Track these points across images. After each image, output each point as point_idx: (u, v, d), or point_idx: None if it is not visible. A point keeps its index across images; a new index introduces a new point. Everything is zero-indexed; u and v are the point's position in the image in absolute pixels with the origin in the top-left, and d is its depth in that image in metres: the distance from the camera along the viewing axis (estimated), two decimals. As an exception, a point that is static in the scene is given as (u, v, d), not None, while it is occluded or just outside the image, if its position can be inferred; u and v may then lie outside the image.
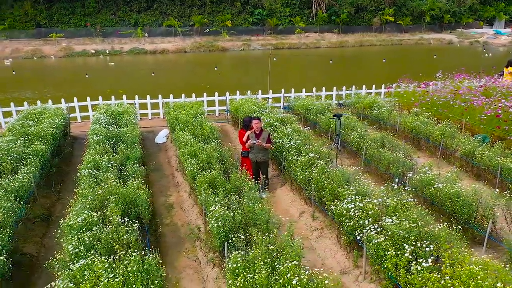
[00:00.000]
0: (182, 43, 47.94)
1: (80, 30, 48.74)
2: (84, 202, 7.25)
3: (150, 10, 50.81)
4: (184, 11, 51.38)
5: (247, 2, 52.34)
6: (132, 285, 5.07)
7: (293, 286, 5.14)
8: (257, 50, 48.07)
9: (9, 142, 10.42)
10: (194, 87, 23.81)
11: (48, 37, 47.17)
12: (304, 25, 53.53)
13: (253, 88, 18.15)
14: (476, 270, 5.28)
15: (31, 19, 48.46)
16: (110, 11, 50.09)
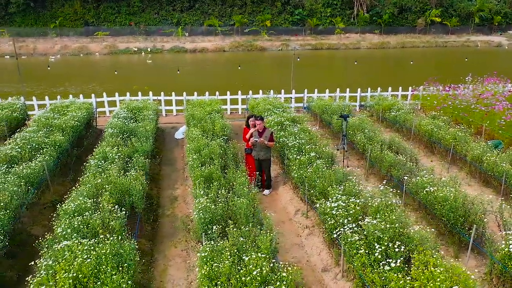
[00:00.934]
0: (222, 42, 48.72)
1: (125, 29, 50.59)
2: (82, 189, 7.75)
3: (192, 10, 51.96)
4: (225, 11, 52.17)
5: (288, 2, 52.44)
6: (103, 266, 5.44)
7: (252, 276, 5.35)
8: (296, 50, 48.04)
9: (32, 132, 11.19)
10: (225, 85, 24.23)
11: (94, 35, 49.27)
12: (344, 26, 53.01)
13: (282, 87, 18.36)
14: (437, 272, 5.29)
15: (80, 18, 50.80)
16: (154, 10, 51.65)
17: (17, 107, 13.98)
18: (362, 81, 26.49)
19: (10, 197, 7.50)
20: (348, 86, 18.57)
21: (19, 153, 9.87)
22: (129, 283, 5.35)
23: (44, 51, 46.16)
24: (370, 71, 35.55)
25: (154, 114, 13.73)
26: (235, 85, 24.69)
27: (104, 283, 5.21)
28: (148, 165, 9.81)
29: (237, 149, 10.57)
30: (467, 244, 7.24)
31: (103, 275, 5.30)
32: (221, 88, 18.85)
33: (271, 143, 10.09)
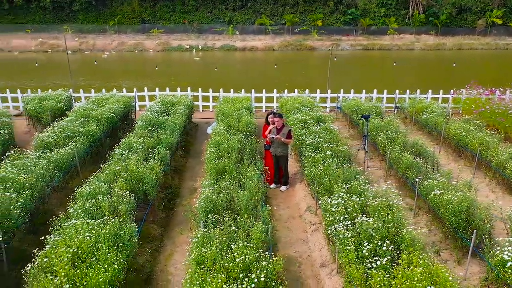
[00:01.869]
0: (272, 41, 49.05)
1: (179, 27, 52.18)
2: (100, 175, 8.33)
3: (244, 9, 52.69)
4: (277, 10, 52.46)
5: (341, 1, 51.90)
6: (99, 244, 5.90)
7: (235, 263, 5.60)
8: (345, 51, 47.50)
9: (69, 122, 12.04)
10: (265, 83, 24.50)
11: (149, 32, 51.24)
12: (398, 26, 51.69)
13: (321, 87, 18.40)
14: (416, 272, 5.30)
15: (137, 16, 52.99)
16: (207, 9, 52.88)
17: (62, 98, 14.99)
18: (405, 82, 25.87)
19: (36, 179, 8.19)
20: (389, 87, 18.29)
21: (54, 140, 10.67)
22: (121, 261, 5.76)
23: (103, 47, 48.59)
24: (416, 72, 34.59)
25: (186, 108, 14.24)
26: (274, 83, 24.89)
27: (98, 259, 5.66)
28: (169, 156, 10.28)
29: (256, 145, 10.83)
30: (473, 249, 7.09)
31: (99, 252, 5.75)
32: (260, 86, 19.11)
33: (288, 140, 10.26)
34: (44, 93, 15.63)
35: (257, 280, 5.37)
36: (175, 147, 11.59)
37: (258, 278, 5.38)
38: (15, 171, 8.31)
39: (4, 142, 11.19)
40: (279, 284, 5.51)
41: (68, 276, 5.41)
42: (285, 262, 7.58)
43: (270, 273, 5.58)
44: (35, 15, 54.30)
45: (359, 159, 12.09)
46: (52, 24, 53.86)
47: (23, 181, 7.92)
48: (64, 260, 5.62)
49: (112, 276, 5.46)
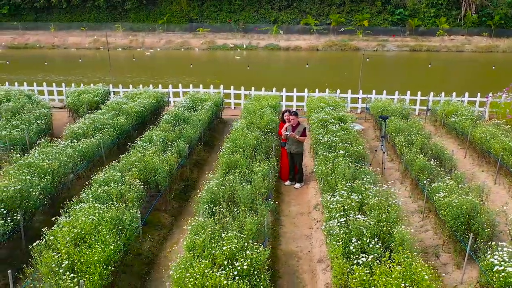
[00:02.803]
0: (316, 41, 48.86)
1: (225, 26, 53.05)
2: (116, 164, 8.87)
3: (289, 8, 52.78)
4: (323, 10, 52.16)
5: (389, 1, 50.85)
6: (101, 226, 6.35)
7: (222, 251, 5.87)
8: (391, 52, 46.53)
9: (100, 114, 12.75)
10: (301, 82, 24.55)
11: (196, 31, 52.46)
12: (449, 27, 49.93)
13: (355, 87, 18.35)
14: (395, 269, 5.36)
15: (185, 15, 54.38)
16: (253, 8, 53.40)
17: (99, 92, 15.83)
18: (445, 84, 25.12)
19: (58, 165, 8.82)
20: (426, 89, 17.91)
21: (84, 131, 11.38)
22: (118, 243, 6.18)
23: (151, 45, 50.27)
24: (459, 74, 33.41)
25: (213, 105, 14.64)
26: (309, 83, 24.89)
27: (97, 240, 6.10)
28: (187, 149, 10.69)
29: (272, 142, 11.04)
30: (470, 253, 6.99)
31: (98, 234, 6.20)
32: (296, 85, 19.20)
33: (302, 137, 10.40)
34: (83, 87, 16.53)
35: (240, 268, 5.62)
36: (196, 141, 12.00)
37: (242, 266, 5.62)
38: (41, 158, 8.98)
39: (40, 132, 11.99)
40: (262, 273, 5.71)
41: (69, 254, 5.88)
42: (285, 256, 7.86)
43: (255, 263, 5.80)
44: (90, 13, 56.95)
45: (379, 160, 12.03)
46: (105, 22, 56.29)
47: (46, 167, 8.56)
48: (67, 239, 6.11)
49: (108, 256, 5.88)
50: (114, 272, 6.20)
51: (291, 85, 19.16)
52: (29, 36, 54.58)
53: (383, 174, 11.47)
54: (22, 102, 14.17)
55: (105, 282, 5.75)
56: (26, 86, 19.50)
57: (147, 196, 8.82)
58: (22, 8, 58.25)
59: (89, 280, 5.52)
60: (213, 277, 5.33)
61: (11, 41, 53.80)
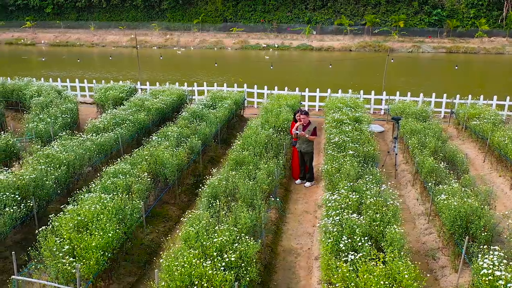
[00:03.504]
0: (349, 42, 48.37)
1: (259, 26, 53.34)
2: (127, 158, 9.25)
3: (324, 8, 52.46)
4: (358, 10, 51.55)
5: (426, 1, 49.65)
6: (102, 214, 6.68)
7: (214, 243, 6.08)
8: (427, 53, 45.48)
9: (122, 110, 13.24)
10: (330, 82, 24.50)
11: (229, 30, 53.00)
12: (489, 28, 48.25)
13: (388, 89, 18.20)
14: (377, 268, 5.42)
15: (220, 15, 55.02)
16: (287, 8, 53.41)
17: (125, 89, 16.39)
18: (477, 87, 24.39)
19: (74, 157, 9.28)
20: (457, 91, 17.55)
21: (104, 125, 11.87)
22: (117, 231, 6.49)
23: (185, 44, 51.20)
24: (492, 77, 32.29)
25: (233, 103, 14.88)
26: (334, 83, 24.80)
27: (96, 227, 6.44)
28: (200, 146, 10.97)
29: (284, 141, 11.17)
30: (466, 256, 6.91)
31: (99, 222, 6.54)
32: (322, 85, 19.22)
33: (312, 137, 10.48)
34: (110, 84, 17.15)
35: (228, 260, 5.81)
36: (211, 138, 12.26)
37: (230, 258, 5.82)
38: (59, 150, 9.47)
39: (65, 125, 12.57)
40: (248, 265, 5.87)
41: (70, 239, 6.25)
42: (284, 252, 8.00)
43: (244, 255, 5.98)
44: (128, 13, 58.54)
45: (394, 162, 11.94)
46: (142, 21, 57.74)
47: (62, 158, 9.03)
48: (70, 225, 6.48)
49: (106, 242, 6.20)
50: (112, 259, 6.53)
51: (316, 85, 19.18)
52: (70, 35, 56.74)
53: (396, 176, 11.39)
54: (52, 97, 14.87)
55: (101, 267, 6.08)
56: (60, 82, 20.41)
57: (156, 189, 9.16)
58: (65, 7, 60.57)
59: (85, 265, 5.87)
60: (199, 267, 5.54)
61: (54, 39, 56.12)
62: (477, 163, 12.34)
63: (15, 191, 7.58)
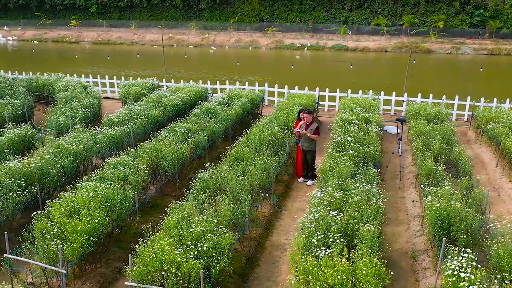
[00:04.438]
0: (386, 42, 47.53)
1: (294, 26, 53.34)
2: (131, 150, 9.69)
3: (361, 9, 51.81)
4: (396, 10, 50.56)
5: (468, 2, 48.04)
6: (93, 202, 7.09)
7: (190, 232, 6.35)
8: (466, 55, 44.05)
9: (139, 105, 13.77)
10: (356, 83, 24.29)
11: (265, 30, 53.30)
12: (536, 30, 46.14)
13: (410, 90, 17.96)
14: (338, 264, 5.52)
15: (256, 14, 55.44)
16: (324, 8, 53.11)
17: (147, 86, 16.99)
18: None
19: (82, 148, 9.82)
20: (486, 94, 17.11)
21: (119, 120, 12.42)
22: (105, 218, 6.88)
23: (221, 43, 51.91)
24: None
25: (248, 102, 15.11)
26: (360, 83, 24.55)
27: (85, 213, 6.85)
28: (206, 142, 11.29)
29: (288, 139, 11.32)
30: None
31: (88, 209, 6.95)
32: (340, 85, 19.16)
33: (314, 135, 10.57)
34: (133, 81, 17.81)
35: (201, 249, 6.07)
36: (221, 135, 12.55)
37: (202, 247, 6.07)
38: (70, 141, 10.04)
39: (84, 119, 13.21)
40: (220, 255, 6.10)
41: (61, 223, 6.69)
42: (271, 247, 8.19)
43: (217, 245, 6.22)
44: (167, 12, 60.00)
45: (401, 163, 11.83)
46: (181, 21, 59.01)
47: (71, 149, 9.57)
48: (62, 210, 6.94)
49: (92, 228, 6.59)
50: (99, 244, 6.93)
51: (341, 85, 19.12)
52: (112, 33, 58.77)
53: (401, 178, 11.29)
54: (76, 92, 15.63)
55: (86, 250, 6.48)
56: (91, 79, 21.36)
57: (157, 182, 9.55)
58: (108, 6, 62.82)
59: (70, 247, 6.28)
60: (170, 254, 5.83)
61: (96, 37, 58.29)
62: (490, 168, 12.03)
63: (21, 178, 8.13)
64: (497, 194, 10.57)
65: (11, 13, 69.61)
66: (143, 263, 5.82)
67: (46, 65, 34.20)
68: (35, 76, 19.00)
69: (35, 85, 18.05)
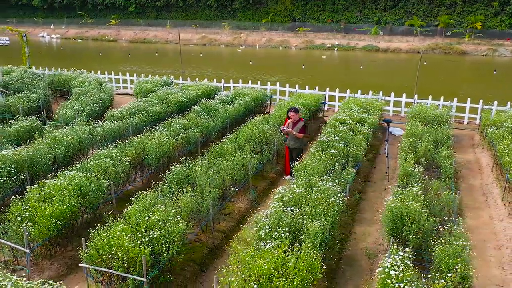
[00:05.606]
0: (419, 43, 46.53)
1: (326, 26, 53.06)
2: (119, 144, 10.21)
3: (395, 9, 50.90)
4: (431, 11, 49.33)
5: (508, 2, 46.22)
6: (67, 188, 7.61)
7: (143, 220, 6.73)
8: (503, 57, 42.45)
9: (143, 101, 14.34)
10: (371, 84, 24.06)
11: (296, 30, 53.31)
12: None
13: (430, 92, 17.77)
14: (272, 257, 5.75)
15: (289, 14, 55.56)
16: (357, 8, 52.55)
17: (158, 83, 17.60)
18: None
19: (76, 140, 10.42)
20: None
21: (122, 115, 13.01)
22: (73, 203, 7.36)
23: (252, 42, 52.41)
24: None
25: (251, 100, 15.39)
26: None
27: (57, 199, 7.35)
28: (199, 138, 11.67)
29: (275, 137, 11.53)
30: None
31: (61, 195, 7.47)
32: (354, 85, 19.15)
33: (299, 134, 10.73)
34: (145, 78, 18.48)
35: (152, 236, 6.43)
36: (216, 131, 12.89)
37: (154, 235, 6.44)
38: (66, 133, 10.67)
39: (92, 113, 13.89)
40: (170, 242, 6.44)
41: (34, 207, 7.22)
42: (238, 240, 8.42)
43: (170, 234, 6.56)
44: (202, 12, 61.15)
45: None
46: (215, 20, 59.96)
47: (64, 140, 10.19)
48: (37, 196, 7.48)
49: (60, 212, 7.09)
50: (69, 228, 7.44)
51: (354, 85, 19.08)
52: (149, 32, 60.52)
53: (389, 179, 11.26)
54: (90, 88, 16.42)
55: (52, 233, 6.98)
56: (113, 75, 22.28)
57: (142, 174, 10.02)
58: (146, 6, 64.72)
59: (36, 229, 6.80)
60: (119, 239, 6.22)
61: (133, 36, 60.21)
62: (486, 172, 11.79)
63: (11, 165, 8.77)
64: (485, 198, 10.39)
65: (57, 13, 73.03)
66: (95, 247, 6.24)
67: (82, 62, 35.77)
68: (58, 72, 20.02)
69: (57, 81, 19.05)
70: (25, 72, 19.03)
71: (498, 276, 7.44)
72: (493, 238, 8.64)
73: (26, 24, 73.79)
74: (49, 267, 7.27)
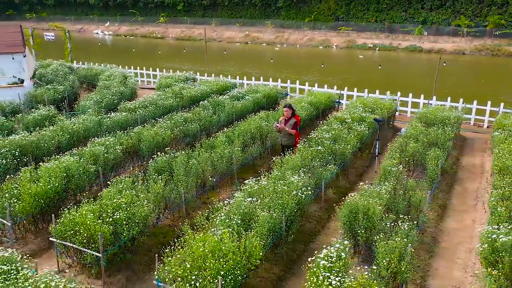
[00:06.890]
0: (465, 44, 44.80)
1: (369, 25, 52.15)
2: (119, 133, 10.90)
3: (442, 8, 49.20)
4: (481, 10, 47.27)
5: None
6: (54, 170, 8.33)
7: (112, 203, 7.30)
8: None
9: (156, 95, 15.07)
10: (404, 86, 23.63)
11: (338, 29, 52.82)
12: None
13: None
14: (212, 241, 6.12)
15: (332, 14, 55.12)
16: (402, 8, 51.27)
17: (179, 79, 18.34)
18: None
19: (82, 130, 11.23)
20: None
21: (134, 107, 13.79)
22: (55, 185, 8.05)
23: (294, 41, 52.51)
24: None
25: (263, 97, 15.73)
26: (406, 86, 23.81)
27: (44, 180, 8.08)
28: (198, 131, 12.19)
29: (269, 132, 11.83)
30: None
31: (48, 176, 8.20)
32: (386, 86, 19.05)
33: (292, 130, 10.95)
34: (166, 74, 19.29)
35: (116, 217, 6.99)
36: (221, 127, 13.34)
37: (117, 216, 7.00)
38: (74, 122, 11.52)
39: (109, 105, 14.77)
40: (132, 224, 6.97)
41: (23, 186, 7.99)
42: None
43: (132, 216, 7.10)
44: (247, 10, 61.93)
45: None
46: (259, 19, 60.54)
47: (70, 128, 11.03)
48: (28, 177, 8.26)
49: (43, 191, 7.81)
50: (52, 206, 8.15)
51: (377, 86, 18.97)
52: (194, 30, 62.04)
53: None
54: (115, 81, 17.39)
55: (34, 210, 7.71)
56: (145, 70, 23.36)
57: (133, 162, 10.67)
58: (193, 5, 66.44)
59: (20, 206, 7.55)
60: (86, 219, 6.81)
61: (179, 33, 61.99)
62: (486, 176, 11.51)
63: (16, 149, 9.66)
64: (475, 203, 10.21)
65: (111, 11, 76.57)
66: (63, 223, 6.88)
67: (129, 58, 37.47)
68: (90, 66, 21.27)
69: (89, 75, 20.27)
70: (60, 66, 20.36)
71: (459, 277, 7.41)
72: (468, 241, 8.55)
73: (83, 21, 78.01)
74: (32, 241, 8.03)
